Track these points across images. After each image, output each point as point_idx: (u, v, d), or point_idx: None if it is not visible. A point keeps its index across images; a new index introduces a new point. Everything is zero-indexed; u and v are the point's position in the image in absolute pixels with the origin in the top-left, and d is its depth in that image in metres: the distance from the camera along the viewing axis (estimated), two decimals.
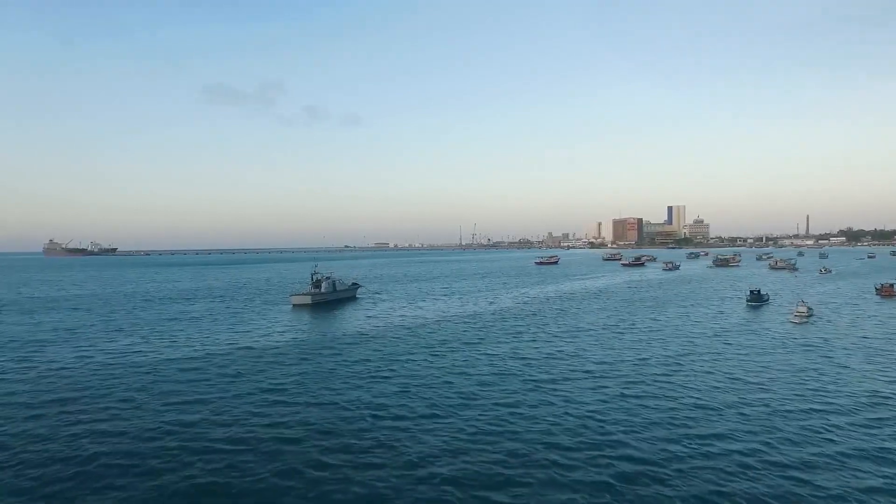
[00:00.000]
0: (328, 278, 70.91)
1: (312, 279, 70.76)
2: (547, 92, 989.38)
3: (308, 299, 65.19)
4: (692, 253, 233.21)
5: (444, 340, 38.33)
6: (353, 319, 50.66)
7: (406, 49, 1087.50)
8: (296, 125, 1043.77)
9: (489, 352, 34.29)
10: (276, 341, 38.71)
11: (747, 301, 58.28)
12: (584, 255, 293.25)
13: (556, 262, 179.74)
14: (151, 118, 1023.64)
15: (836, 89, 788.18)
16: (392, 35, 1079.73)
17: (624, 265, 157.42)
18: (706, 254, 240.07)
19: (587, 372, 28.64)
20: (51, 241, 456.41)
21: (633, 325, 44.48)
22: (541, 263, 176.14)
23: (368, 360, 32.23)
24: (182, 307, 61.71)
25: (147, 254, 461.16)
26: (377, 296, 75.01)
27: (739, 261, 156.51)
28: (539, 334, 40.41)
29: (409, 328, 44.27)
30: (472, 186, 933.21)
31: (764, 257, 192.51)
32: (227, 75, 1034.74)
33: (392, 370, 29.70)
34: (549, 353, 33.36)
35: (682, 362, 30.73)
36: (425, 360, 32.28)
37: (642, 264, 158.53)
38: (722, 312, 52.03)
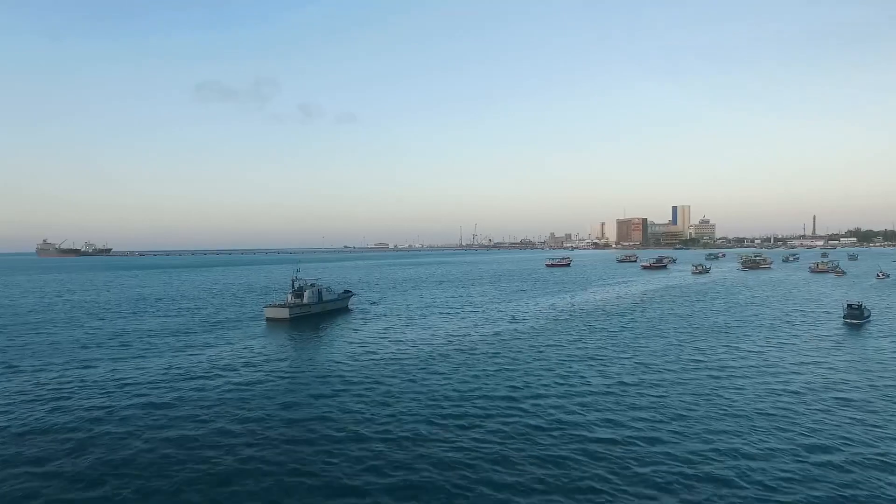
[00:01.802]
0: (313, 285, 58.34)
1: (293, 286, 58.21)
2: (548, 91, 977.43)
3: (285, 313, 52.61)
4: (711, 254, 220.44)
5: (464, 396, 25.36)
6: (337, 344, 37.95)
7: (405, 49, 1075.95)
8: (290, 123, 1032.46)
9: (533, 418, 21.54)
10: (220, 392, 25.92)
11: (844, 318, 45.53)
12: (593, 256, 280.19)
13: (568, 265, 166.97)
14: (146, 116, 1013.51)
15: (841, 88, 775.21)
16: (391, 35, 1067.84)
17: (644, 268, 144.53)
18: (723, 255, 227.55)
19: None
20: (44, 241, 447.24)
21: (726, 364, 31.46)
22: (552, 265, 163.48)
23: (340, 442, 19.49)
24: (124, 324, 49.00)
25: (141, 254, 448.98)
26: (373, 307, 62.35)
27: (771, 262, 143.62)
28: (594, 380, 27.58)
29: (410, 362, 31.56)
30: (473, 186, 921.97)
31: (791, 259, 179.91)
32: (220, 73, 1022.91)
33: (375, 479, 16.88)
34: (636, 423, 20.56)
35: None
36: (433, 441, 19.53)
37: (664, 266, 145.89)
38: (828, 337, 39.14)
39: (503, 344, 37.25)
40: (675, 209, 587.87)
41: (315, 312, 55.83)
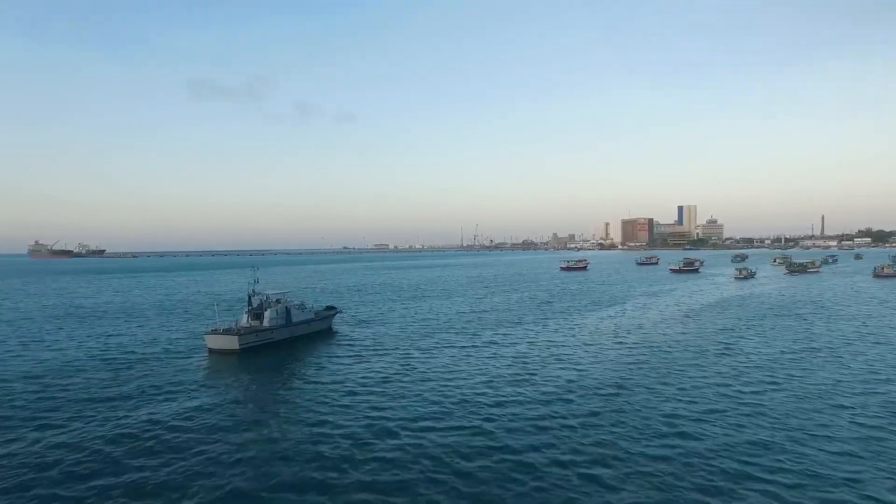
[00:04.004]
0: (278, 301, 42.86)
1: (250, 302, 42.70)
2: (549, 91, 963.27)
3: (233, 342, 37.18)
4: (737, 255, 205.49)
5: None
6: (301, 407, 22.30)
7: (405, 49, 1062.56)
8: (289, 123, 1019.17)
9: None
10: None
11: None
12: (605, 258, 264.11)
13: (585, 268, 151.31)
14: (144, 116, 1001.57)
15: (841, 87, 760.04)
16: (390, 34, 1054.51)
17: (673, 271, 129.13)
18: (746, 256, 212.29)
19: None
20: (36, 242, 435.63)
21: None
22: (567, 269, 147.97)
23: None
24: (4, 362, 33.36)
25: (135, 256, 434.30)
26: (363, 329, 46.75)
27: (820, 266, 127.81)
28: None
29: (409, 445, 15.99)
30: (473, 186, 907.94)
31: (830, 260, 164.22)
32: (216, 72, 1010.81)
33: None
34: None
35: None
36: None
37: (696, 270, 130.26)
38: None
39: (556, 419, 21.46)
40: (680, 209, 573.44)
41: (280, 339, 40.55)
